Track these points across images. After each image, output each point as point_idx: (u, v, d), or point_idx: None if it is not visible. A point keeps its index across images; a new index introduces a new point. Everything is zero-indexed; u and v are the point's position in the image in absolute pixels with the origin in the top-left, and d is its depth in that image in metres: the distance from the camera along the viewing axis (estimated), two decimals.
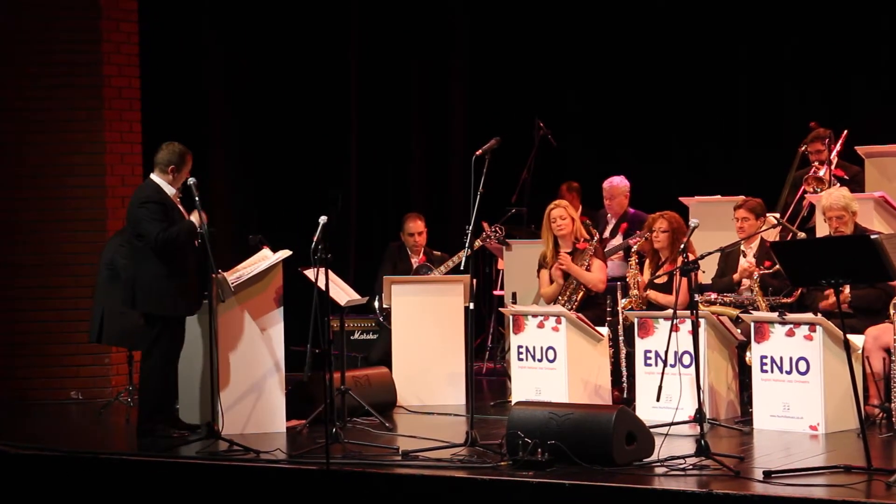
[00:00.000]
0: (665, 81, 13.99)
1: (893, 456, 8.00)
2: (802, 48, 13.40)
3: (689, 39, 13.86)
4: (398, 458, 8.05)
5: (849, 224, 9.29)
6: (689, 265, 8.07)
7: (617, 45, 14.21)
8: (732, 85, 13.75)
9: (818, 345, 8.69)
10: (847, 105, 12.77)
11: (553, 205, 10.48)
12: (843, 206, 9.29)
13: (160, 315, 8.96)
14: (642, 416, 8.48)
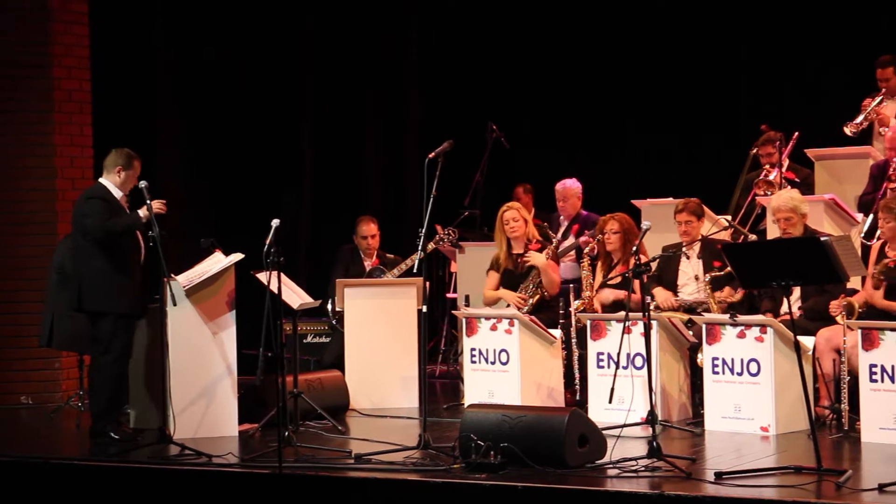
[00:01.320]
0: (618, 83, 14.04)
1: (843, 456, 8.05)
2: (755, 50, 13.48)
3: (641, 41, 13.91)
4: (351, 462, 8.03)
5: (797, 226, 9.35)
6: (640, 267, 8.10)
7: (569, 47, 14.24)
8: (685, 86, 13.80)
9: (769, 346, 8.74)
10: (798, 108, 12.84)
11: (506, 207, 10.49)
12: (791, 208, 9.35)
13: (104, 312, 8.93)
14: (595, 418, 8.50)
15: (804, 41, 13.20)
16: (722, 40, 13.61)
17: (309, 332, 11.68)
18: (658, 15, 13.87)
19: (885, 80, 11.43)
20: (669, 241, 10.12)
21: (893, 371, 8.22)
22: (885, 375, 8.25)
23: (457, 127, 11.81)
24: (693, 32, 13.69)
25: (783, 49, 13.31)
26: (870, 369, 8.32)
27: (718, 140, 13.21)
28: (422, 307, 8.63)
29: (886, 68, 11.40)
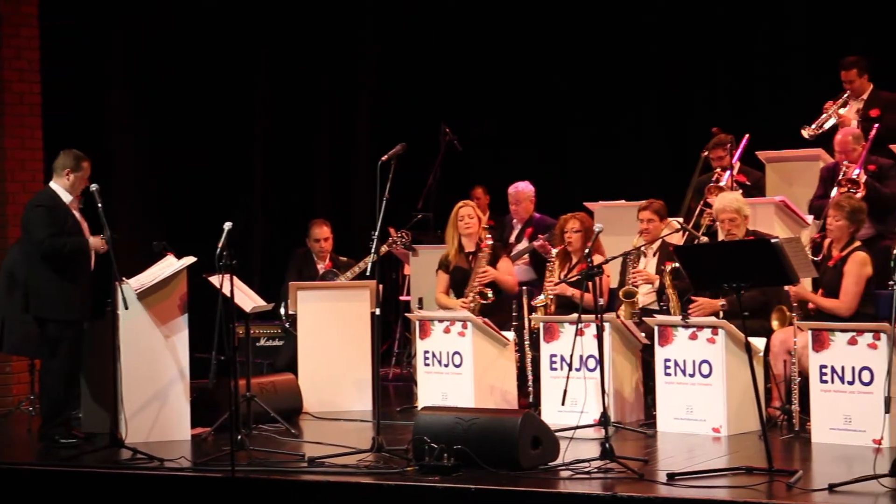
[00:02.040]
0: (569, 86, 14.09)
1: (794, 457, 8.10)
2: (706, 53, 13.55)
3: (593, 44, 13.97)
4: (304, 465, 8.02)
5: (741, 227, 9.40)
6: (593, 269, 8.12)
7: (522, 50, 14.29)
8: (636, 89, 13.87)
9: (720, 348, 8.79)
10: (748, 110, 12.92)
11: (462, 203, 10.51)
12: (735, 209, 9.41)
13: (53, 319, 8.89)
14: (548, 420, 8.53)
15: (754, 43, 13.29)
16: (672, 43, 13.68)
17: (262, 336, 11.64)
18: (609, 18, 13.93)
19: (849, 82, 11.48)
20: (623, 242, 10.16)
21: (843, 372, 8.28)
22: (836, 376, 8.30)
23: (410, 130, 11.82)
24: (643, 35, 13.76)
25: (733, 51, 13.40)
26: (820, 370, 8.37)
27: (670, 143, 13.27)
28: (375, 310, 8.61)
29: (850, 70, 11.42)
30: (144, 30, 13.41)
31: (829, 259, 9.03)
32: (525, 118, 14.28)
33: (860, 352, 8.22)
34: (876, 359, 8.14)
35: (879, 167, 10.50)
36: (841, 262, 8.95)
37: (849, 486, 6.90)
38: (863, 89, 11.37)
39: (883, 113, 11.19)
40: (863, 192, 10.22)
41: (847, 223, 8.98)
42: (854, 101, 11.44)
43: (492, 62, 14.38)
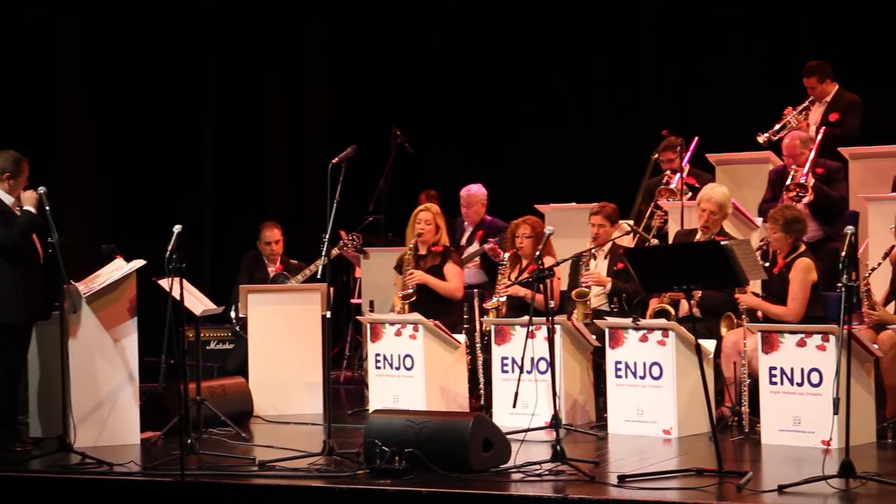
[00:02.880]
0: (521, 88, 14.11)
1: (744, 458, 8.15)
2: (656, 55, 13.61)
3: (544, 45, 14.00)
4: (255, 469, 7.98)
5: (718, 223, 9.45)
6: (543, 272, 8.13)
7: (473, 52, 14.29)
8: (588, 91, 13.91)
9: (671, 350, 8.82)
10: (698, 113, 12.98)
11: (423, 207, 10.53)
12: (718, 203, 9.46)
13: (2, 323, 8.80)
14: (499, 422, 8.53)
15: (705, 45, 13.34)
16: (623, 45, 13.73)
17: (212, 339, 11.59)
18: (560, 21, 13.96)
19: (811, 88, 11.52)
20: (574, 245, 10.18)
21: (793, 373, 8.32)
22: (785, 378, 8.35)
23: (361, 132, 11.79)
24: (595, 37, 13.79)
25: (684, 53, 13.45)
26: (769, 372, 8.42)
27: (621, 145, 13.31)
28: (326, 313, 8.59)
29: (811, 77, 11.45)
30: (95, 31, 13.32)
31: (774, 266, 9.08)
32: (476, 120, 14.28)
33: (809, 353, 8.27)
34: (825, 360, 8.19)
35: (828, 170, 10.57)
36: (786, 269, 9.01)
37: (798, 487, 6.94)
38: (826, 93, 11.44)
39: (844, 117, 11.26)
40: (811, 197, 10.28)
41: (783, 235, 9.03)
42: (818, 106, 11.51)
43: (443, 64, 14.38)
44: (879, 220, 9.79)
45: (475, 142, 14.23)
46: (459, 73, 14.33)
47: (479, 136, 14.24)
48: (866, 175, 11.12)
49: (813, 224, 10.39)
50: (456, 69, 14.34)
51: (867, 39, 12.54)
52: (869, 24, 12.60)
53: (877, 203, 10.09)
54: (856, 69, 12.10)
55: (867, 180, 11.04)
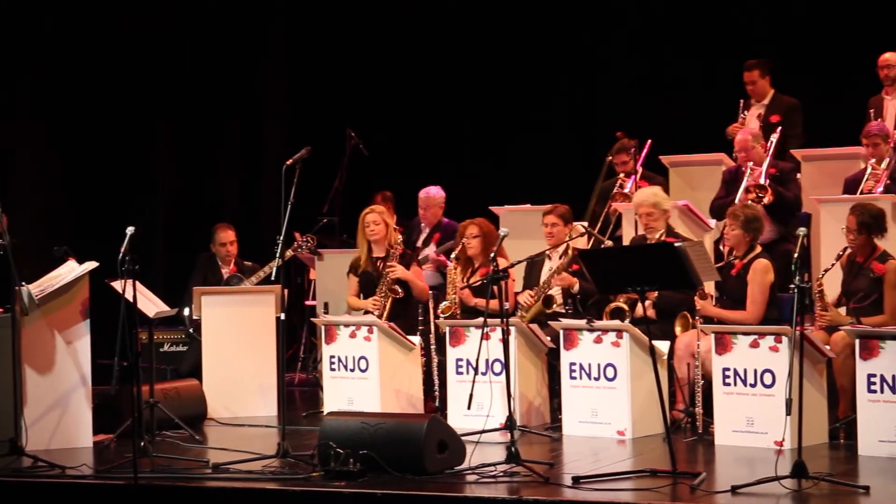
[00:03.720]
0: (476, 90, 14.12)
1: (698, 459, 8.19)
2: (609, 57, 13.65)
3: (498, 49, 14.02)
4: (208, 471, 7.95)
5: (659, 221, 9.48)
6: (498, 273, 8.13)
7: (427, 55, 14.29)
8: (542, 94, 13.93)
9: (625, 351, 8.85)
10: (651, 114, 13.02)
11: (368, 210, 10.50)
12: (651, 204, 9.50)
13: None
14: (454, 424, 8.54)
15: (658, 47, 13.40)
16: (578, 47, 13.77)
17: (165, 341, 11.53)
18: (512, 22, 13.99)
19: (751, 83, 11.62)
20: (529, 246, 10.19)
21: (746, 374, 8.36)
22: (738, 379, 8.39)
23: (315, 133, 11.77)
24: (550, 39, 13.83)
25: (638, 55, 13.51)
26: (723, 373, 8.46)
27: (574, 147, 13.35)
28: (280, 315, 8.57)
29: (752, 71, 11.58)
30: (47, 29, 13.22)
31: (732, 268, 9.12)
32: (431, 122, 14.28)
33: (762, 354, 8.32)
34: (777, 361, 8.23)
35: (780, 171, 10.65)
36: (744, 271, 9.05)
37: (751, 488, 6.98)
38: (765, 92, 11.53)
39: (782, 119, 11.36)
40: (771, 198, 10.34)
41: (742, 232, 9.08)
42: (756, 106, 11.59)
43: (399, 66, 14.37)
44: (831, 222, 9.86)
45: (430, 143, 14.22)
46: (414, 74, 14.33)
47: (433, 137, 14.23)
48: (818, 177, 11.20)
49: (767, 224, 10.45)
50: (411, 71, 14.34)
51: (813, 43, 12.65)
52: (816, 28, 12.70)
53: (829, 205, 10.16)
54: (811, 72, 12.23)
55: (819, 182, 11.12)
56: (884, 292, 8.71)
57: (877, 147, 10.38)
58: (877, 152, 10.37)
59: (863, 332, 8.13)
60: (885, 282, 8.72)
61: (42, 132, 13.31)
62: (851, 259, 8.91)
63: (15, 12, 13.05)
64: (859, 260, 8.86)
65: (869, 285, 8.75)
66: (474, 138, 14.24)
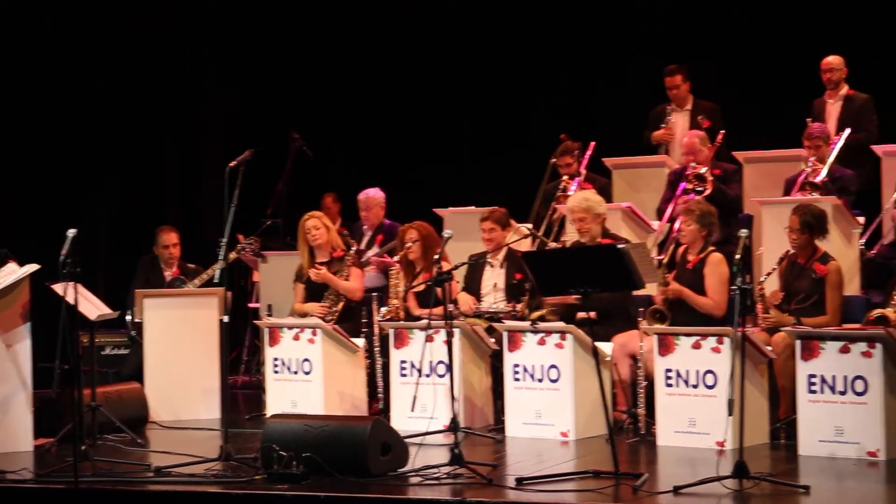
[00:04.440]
0: (419, 93, 14.13)
1: (640, 460, 8.22)
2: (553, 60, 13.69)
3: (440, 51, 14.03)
4: (151, 475, 7.89)
5: (593, 226, 9.50)
6: (442, 275, 8.14)
7: (371, 56, 14.29)
8: (485, 96, 13.95)
9: (569, 353, 8.87)
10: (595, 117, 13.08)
11: (307, 216, 10.47)
12: (584, 209, 9.52)
13: None
14: (398, 426, 8.53)
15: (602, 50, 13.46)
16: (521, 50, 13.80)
17: (107, 344, 11.44)
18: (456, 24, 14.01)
19: (674, 88, 11.74)
20: (472, 249, 10.20)
21: (688, 375, 8.41)
22: (680, 380, 8.43)
23: (259, 135, 11.74)
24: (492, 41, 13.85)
25: (581, 58, 13.56)
26: (665, 374, 8.50)
27: (518, 149, 13.38)
28: (223, 317, 8.54)
29: (675, 76, 11.72)
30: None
31: (687, 262, 9.15)
32: (376, 125, 14.28)
33: (704, 356, 8.36)
34: (719, 362, 8.28)
35: (724, 171, 10.73)
36: (700, 264, 9.09)
37: (693, 488, 7.01)
38: (687, 97, 11.68)
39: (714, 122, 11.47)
40: (710, 190, 10.41)
41: (698, 227, 9.13)
42: (680, 113, 11.71)
43: (342, 68, 14.36)
44: (773, 224, 9.93)
45: (375, 145, 14.22)
46: (358, 76, 14.32)
47: (378, 139, 14.23)
48: (760, 179, 11.30)
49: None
50: (355, 73, 14.33)
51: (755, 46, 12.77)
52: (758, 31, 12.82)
53: (770, 207, 10.23)
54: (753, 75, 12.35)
55: (761, 184, 11.21)
56: (825, 293, 8.79)
57: (818, 149, 10.47)
58: (818, 154, 10.46)
59: (803, 332, 8.19)
60: (827, 283, 8.79)
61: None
62: (793, 260, 8.97)
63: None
64: (801, 261, 8.93)
65: (810, 286, 8.82)
66: (418, 140, 14.23)
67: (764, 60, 12.67)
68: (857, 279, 10.07)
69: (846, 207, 10.08)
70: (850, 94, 11.25)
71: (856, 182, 10.48)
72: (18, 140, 13.32)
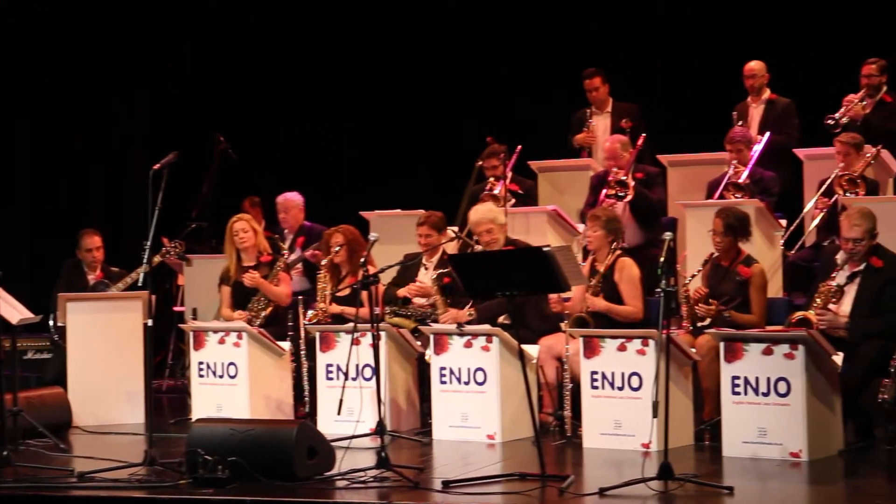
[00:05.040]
0: (344, 96, 14.11)
1: (566, 462, 8.25)
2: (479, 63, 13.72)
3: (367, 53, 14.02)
4: (74, 480, 7.83)
5: (498, 235, 9.54)
6: (368, 278, 8.13)
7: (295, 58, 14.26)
8: (411, 99, 13.96)
9: (495, 355, 8.89)
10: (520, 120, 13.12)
11: (235, 218, 10.42)
12: (490, 220, 9.57)
13: None
14: (324, 429, 8.49)
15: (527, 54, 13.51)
16: (448, 53, 13.82)
17: (29, 349, 11.33)
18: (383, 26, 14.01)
19: (594, 90, 11.79)
20: (399, 252, 10.20)
21: (613, 378, 8.45)
22: (606, 382, 8.47)
23: (183, 138, 11.67)
24: (419, 43, 13.86)
25: (508, 61, 13.60)
26: (591, 376, 8.53)
27: (445, 152, 13.39)
28: (147, 321, 8.47)
29: (594, 78, 11.78)
30: None
31: (596, 274, 9.20)
32: (302, 127, 14.23)
33: (629, 358, 8.41)
34: (644, 364, 8.33)
35: (647, 174, 10.80)
36: (609, 272, 9.15)
37: (618, 490, 7.06)
38: (606, 100, 11.75)
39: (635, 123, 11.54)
40: (631, 195, 10.49)
41: (604, 233, 9.18)
42: (599, 116, 11.78)
43: (266, 71, 14.31)
44: (697, 227, 10.01)
45: (301, 148, 14.18)
46: (283, 79, 14.28)
47: (304, 142, 14.19)
48: (684, 182, 11.38)
49: (633, 229, 10.60)
50: (279, 75, 14.29)
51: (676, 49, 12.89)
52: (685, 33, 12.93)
53: (694, 210, 10.31)
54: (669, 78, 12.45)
55: (684, 187, 11.30)
56: (750, 295, 8.86)
57: (740, 153, 10.58)
58: (740, 157, 10.56)
59: (727, 335, 8.25)
60: (752, 285, 8.87)
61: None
62: (716, 263, 9.04)
63: None
64: (724, 264, 9.00)
65: (735, 288, 8.89)
66: (346, 142, 14.21)
67: (687, 64, 12.77)
68: (779, 281, 10.19)
69: (768, 210, 10.20)
70: (771, 98, 11.37)
71: (778, 184, 10.61)
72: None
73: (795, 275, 10.23)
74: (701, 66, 12.64)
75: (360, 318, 8.46)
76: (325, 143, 14.19)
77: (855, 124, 10.75)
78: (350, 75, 14.11)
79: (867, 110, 10.88)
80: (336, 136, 14.19)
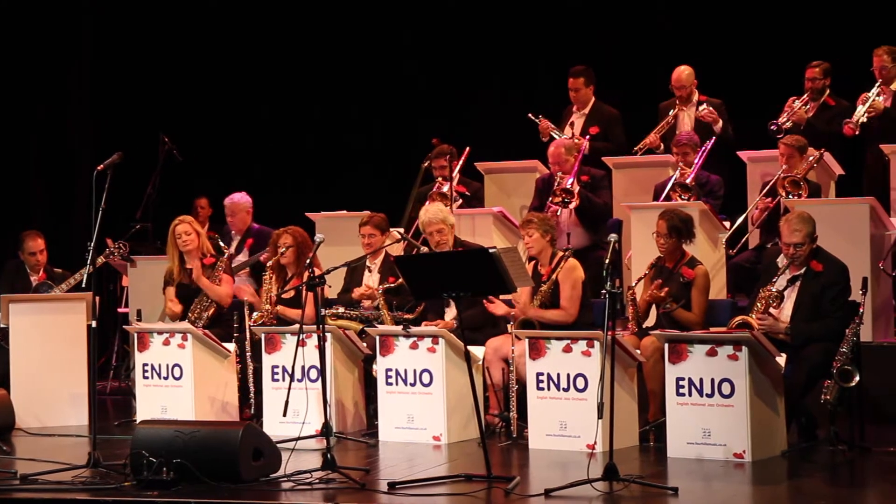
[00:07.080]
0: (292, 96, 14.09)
1: (512, 463, 8.27)
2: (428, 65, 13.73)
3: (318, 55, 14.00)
4: (16, 483, 7.76)
5: (448, 236, 9.56)
6: (314, 280, 8.11)
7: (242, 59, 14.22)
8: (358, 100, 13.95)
9: (441, 357, 8.90)
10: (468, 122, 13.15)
11: (178, 220, 10.37)
12: (441, 220, 9.58)
13: None
14: (270, 431, 8.48)
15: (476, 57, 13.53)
16: (395, 54, 13.82)
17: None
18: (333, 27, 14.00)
19: (575, 90, 11.74)
20: (345, 253, 10.18)
21: (559, 379, 8.47)
22: (552, 383, 8.49)
23: (127, 138, 11.61)
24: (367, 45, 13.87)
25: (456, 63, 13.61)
26: (537, 377, 8.55)
27: (391, 153, 13.39)
28: (91, 322, 8.42)
29: (578, 78, 11.69)
30: None
31: (541, 276, 9.23)
32: (247, 127, 14.20)
33: (575, 359, 8.44)
34: (590, 365, 8.36)
35: (592, 178, 10.84)
36: (553, 273, 9.18)
37: (564, 491, 7.08)
38: (587, 100, 11.71)
39: (605, 130, 11.54)
40: (577, 202, 10.54)
41: (541, 233, 9.22)
42: (578, 116, 11.76)
43: (212, 70, 14.26)
44: (642, 229, 10.05)
45: (246, 148, 14.14)
46: (229, 78, 14.23)
47: (250, 142, 14.15)
48: (629, 184, 11.42)
49: (578, 231, 10.64)
50: (225, 75, 14.24)
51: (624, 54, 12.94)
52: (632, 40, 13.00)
53: (639, 212, 10.36)
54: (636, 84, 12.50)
55: (630, 189, 11.34)
56: (692, 296, 8.92)
57: (686, 156, 10.64)
58: (686, 160, 10.63)
59: (672, 336, 8.30)
60: (695, 286, 8.93)
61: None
62: (661, 265, 9.09)
63: None
64: (668, 265, 9.06)
65: (679, 290, 8.94)
66: (291, 143, 14.18)
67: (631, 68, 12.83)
68: (723, 282, 10.25)
69: (712, 212, 10.26)
70: (702, 100, 11.40)
71: (723, 187, 10.69)
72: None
73: (739, 276, 10.30)
74: (639, 70, 12.69)
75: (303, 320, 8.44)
76: (270, 144, 14.16)
77: (798, 128, 10.82)
78: (297, 76, 14.09)
79: (810, 114, 10.96)
80: (282, 136, 14.16)
